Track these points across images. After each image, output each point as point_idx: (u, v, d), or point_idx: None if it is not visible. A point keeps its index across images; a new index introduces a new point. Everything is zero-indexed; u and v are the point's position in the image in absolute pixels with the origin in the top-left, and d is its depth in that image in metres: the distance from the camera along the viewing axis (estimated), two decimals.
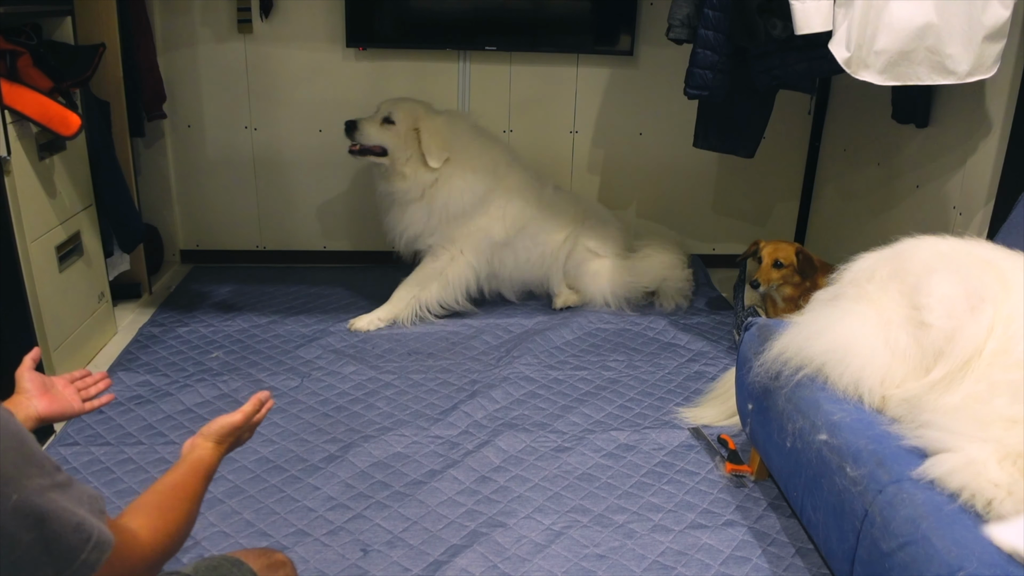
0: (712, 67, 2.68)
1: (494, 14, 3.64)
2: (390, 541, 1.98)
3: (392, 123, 3.14)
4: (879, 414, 1.71)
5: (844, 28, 2.40)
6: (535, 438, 2.44)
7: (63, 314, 2.68)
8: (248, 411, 1.33)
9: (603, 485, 2.23)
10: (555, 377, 2.82)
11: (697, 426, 2.50)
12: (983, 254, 1.80)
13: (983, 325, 1.62)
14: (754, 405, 2.07)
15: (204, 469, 1.24)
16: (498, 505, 2.13)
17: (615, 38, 3.68)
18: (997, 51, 2.35)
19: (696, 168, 3.91)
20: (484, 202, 3.25)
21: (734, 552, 1.96)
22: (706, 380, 2.81)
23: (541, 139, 3.84)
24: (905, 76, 2.39)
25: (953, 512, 1.37)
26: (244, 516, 2.05)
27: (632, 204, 4.00)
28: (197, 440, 1.28)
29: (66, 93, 2.69)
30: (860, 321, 1.81)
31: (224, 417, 1.31)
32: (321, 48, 3.63)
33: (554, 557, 1.93)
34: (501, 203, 3.28)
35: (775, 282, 2.98)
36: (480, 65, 3.71)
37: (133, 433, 2.40)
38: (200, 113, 3.70)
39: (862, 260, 1.95)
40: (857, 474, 1.57)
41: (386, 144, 3.15)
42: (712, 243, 4.09)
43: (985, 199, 2.66)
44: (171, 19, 3.56)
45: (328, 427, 2.48)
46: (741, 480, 2.24)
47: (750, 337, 2.13)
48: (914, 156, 3.11)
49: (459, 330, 3.19)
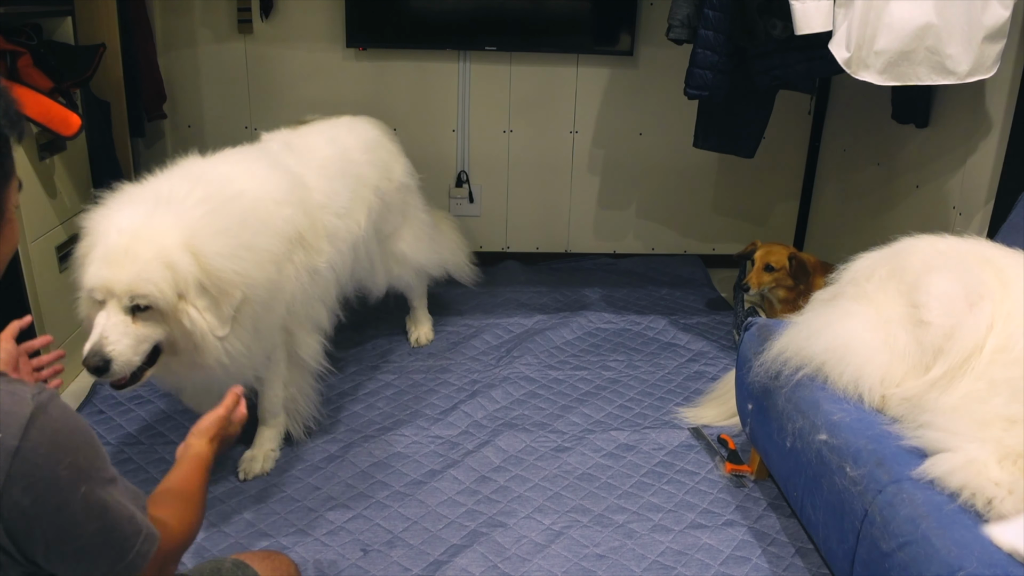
0: (712, 67, 2.68)
1: (494, 14, 3.64)
2: (390, 541, 1.98)
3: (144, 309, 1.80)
4: (879, 414, 1.71)
5: (844, 28, 2.40)
6: (535, 438, 2.44)
7: (63, 314, 2.68)
8: (228, 404, 1.40)
9: (603, 485, 2.23)
10: (555, 377, 2.82)
11: (697, 426, 2.50)
12: (981, 252, 1.80)
13: (982, 322, 1.63)
14: (754, 405, 2.07)
15: (204, 463, 1.29)
16: (498, 505, 2.13)
17: (615, 38, 3.68)
18: (997, 51, 2.35)
19: (696, 168, 3.91)
20: (277, 292, 2.08)
21: (734, 552, 1.96)
22: (706, 380, 2.81)
23: (541, 139, 3.84)
24: (905, 76, 2.39)
25: (953, 512, 1.37)
26: (244, 516, 2.05)
27: (632, 204, 4.00)
28: (190, 440, 1.33)
29: (66, 93, 2.69)
30: (859, 320, 1.81)
31: (208, 413, 1.37)
32: (321, 48, 3.63)
33: (554, 557, 1.93)
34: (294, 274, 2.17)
35: (765, 285, 2.98)
36: (480, 65, 3.71)
37: (133, 433, 2.40)
38: (200, 113, 3.70)
39: (861, 260, 1.96)
40: (857, 474, 1.57)
41: (154, 340, 1.84)
42: (712, 243, 4.09)
43: (985, 199, 2.66)
44: (171, 19, 3.57)
45: (328, 427, 2.48)
46: (741, 480, 2.24)
47: (750, 337, 2.13)
48: (914, 156, 3.11)
49: (459, 330, 3.18)
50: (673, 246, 4.07)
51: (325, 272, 2.29)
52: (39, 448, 0.84)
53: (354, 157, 2.58)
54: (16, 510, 0.84)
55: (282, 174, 2.22)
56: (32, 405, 0.85)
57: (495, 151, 3.85)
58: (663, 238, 4.06)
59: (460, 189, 3.88)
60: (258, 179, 2.13)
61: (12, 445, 0.82)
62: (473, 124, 3.80)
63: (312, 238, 2.23)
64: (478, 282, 3.35)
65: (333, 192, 2.36)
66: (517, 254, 3.99)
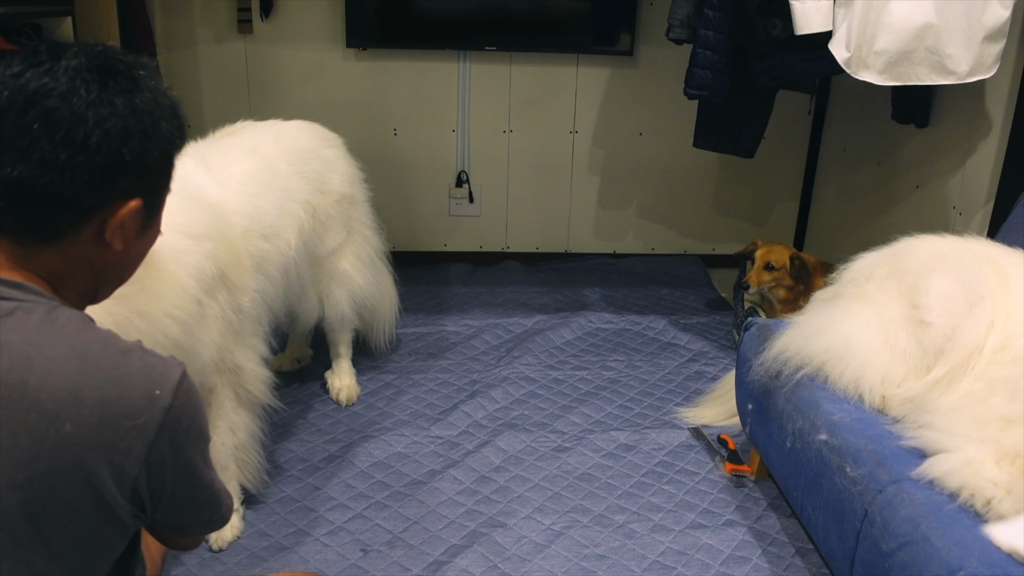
0: (712, 67, 2.68)
1: (494, 14, 3.64)
2: (390, 541, 1.98)
3: None
4: (879, 414, 1.71)
5: (844, 28, 2.41)
6: (535, 438, 2.44)
7: None
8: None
9: (603, 485, 2.23)
10: (555, 377, 2.82)
11: (697, 426, 2.50)
12: (982, 252, 1.80)
13: (983, 322, 1.63)
14: (754, 405, 2.07)
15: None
16: (498, 505, 2.13)
17: (615, 38, 3.68)
18: (997, 51, 2.36)
19: (696, 168, 3.91)
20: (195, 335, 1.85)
21: (734, 552, 1.96)
22: (706, 380, 2.81)
23: (541, 139, 3.84)
24: (905, 76, 2.39)
25: (953, 512, 1.37)
26: (244, 516, 2.05)
27: (632, 204, 4.00)
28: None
29: None
30: (860, 320, 1.81)
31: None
32: (321, 48, 3.63)
33: (554, 557, 1.93)
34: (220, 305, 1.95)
35: (766, 284, 2.98)
36: (480, 65, 3.71)
37: None
38: (200, 113, 3.69)
39: (861, 260, 1.96)
40: (857, 474, 1.57)
41: None
42: (712, 243, 4.09)
43: (985, 199, 2.66)
44: (171, 19, 3.56)
45: (328, 427, 2.48)
46: (741, 480, 2.24)
47: (750, 337, 2.13)
48: (914, 156, 3.11)
49: (459, 330, 3.18)
50: (673, 246, 4.07)
51: (251, 309, 2.01)
52: (184, 407, 0.95)
53: (280, 169, 2.26)
54: (159, 461, 0.94)
55: (191, 203, 1.85)
56: (179, 370, 0.96)
57: (495, 151, 3.85)
58: (663, 238, 4.06)
59: (460, 189, 3.88)
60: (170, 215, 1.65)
61: (167, 402, 0.93)
62: (473, 124, 3.80)
63: (236, 275, 1.95)
64: (476, 284, 3.34)
65: (257, 211, 2.08)
66: (517, 254, 3.99)
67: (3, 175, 0.89)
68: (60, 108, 0.89)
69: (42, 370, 0.88)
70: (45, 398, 0.87)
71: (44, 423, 0.87)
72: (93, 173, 0.91)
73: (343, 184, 2.49)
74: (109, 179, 0.92)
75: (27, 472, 0.86)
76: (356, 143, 2.80)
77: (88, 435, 0.88)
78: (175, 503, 0.99)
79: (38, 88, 0.90)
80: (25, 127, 0.89)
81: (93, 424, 0.88)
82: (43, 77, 0.90)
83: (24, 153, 0.89)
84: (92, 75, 0.92)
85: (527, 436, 2.44)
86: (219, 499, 1.08)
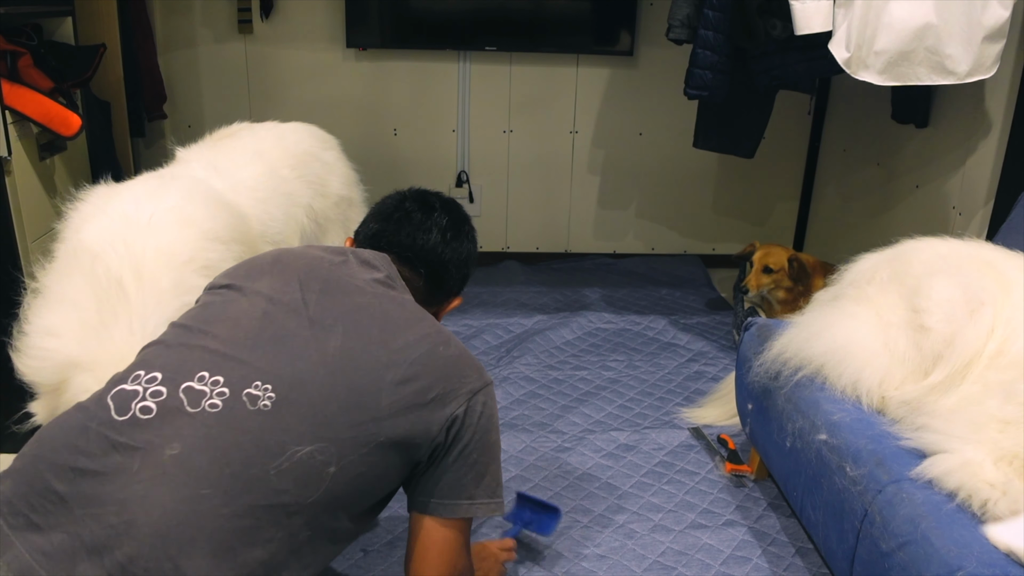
0: (712, 67, 2.68)
1: (494, 14, 3.64)
2: (390, 541, 1.98)
3: None
4: (879, 414, 1.71)
5: (844, 28, 2.41)
6: (535, 438, 2.44)
7: None
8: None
9: (603, 485, 2.23)
10: (555, 377, 2.82)
11: (697, 426, 2.50)
12: (983, 256, 1.79)
13: (982, 329, 1.62)
14: (754, 405, 2.07)
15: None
16: None
17: (615, 38, 3.68)
18: (997, 51, 2.35)
19: (696, 168, 3.91)
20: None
21: (734, 552, 1.97)
22: (706, 380, 2.81)
23: (541, 139, 3.84)
24: (905, 76, 2.39)
25: (952, 512, 1.37)
26: None
27: (632, 204, 4.01)
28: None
29: (67, 93, 2.69)
30: (860, 323, 1.81)
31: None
32: (321, 48, 3.63)
33: (554, 557, 1.93)
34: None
35: (764, 287, 2.98)
36: (480, 65, 3.71)
37: None
38: (200, 113, 3.70)
39: (862, 261, 1.95)
40: (857, 474, 1.57)
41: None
42: (712, 243, 4.09)
43: (985, 199, 2.66)
44: (171, 19, 3.57)
45: None
46: (741, 480, 2.24)
47: (750, 337, 2.13)
48: (914, 156, 3.12)
49: (459, 330, 3.18)
50: (673, 246, 4.07)
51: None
52: (490, 390, 1.40)
53: (283, 174, 2.26)
54: (472, 420, 1.35)
55: (218, 207, 1.89)
56: (478, 361, 1.40)
57: (495, 151, 3.85)
58: (663, 238, 4.06)
59: (460, 189, 3.88)
60: (197, 220, 1.75)
61: (488, 379, 1.39)
62: (473, 124, 3.80)
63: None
64: (476, 283, 3.34)
65: (268, 217, 2.08)
66: (517, 254, 3.99)
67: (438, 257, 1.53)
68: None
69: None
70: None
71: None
72: (465, 278, 1.60)
73: (342, 187, 2.50)
74: (463, 283, 1.61)
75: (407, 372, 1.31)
76: (356, 143, 2.80)
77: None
78: (469, 462, 1.36)
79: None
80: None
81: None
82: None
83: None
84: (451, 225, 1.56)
85: (527, 436, 2.44)
86: (499, 483, 1.40)
